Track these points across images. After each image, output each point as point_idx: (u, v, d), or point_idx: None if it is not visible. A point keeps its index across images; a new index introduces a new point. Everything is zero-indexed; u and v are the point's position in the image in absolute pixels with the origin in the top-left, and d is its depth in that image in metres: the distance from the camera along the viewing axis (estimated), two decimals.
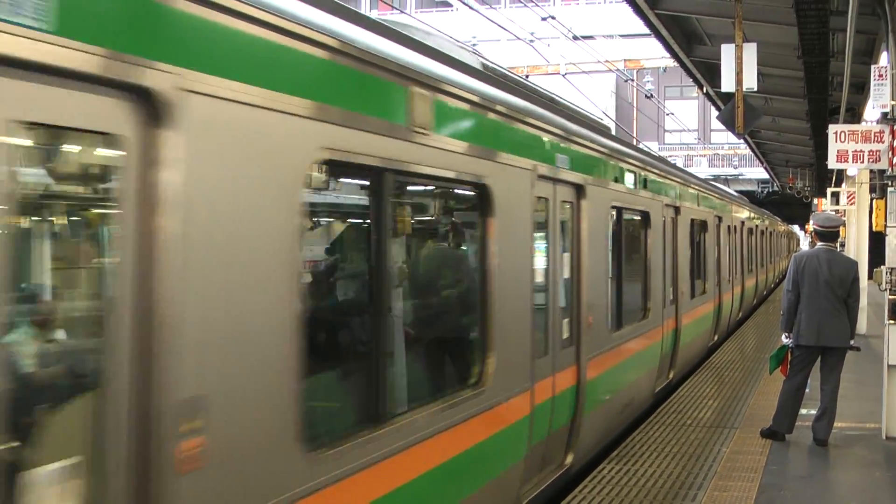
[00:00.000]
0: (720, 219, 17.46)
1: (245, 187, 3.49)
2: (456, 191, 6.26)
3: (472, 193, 5.96)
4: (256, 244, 3.55)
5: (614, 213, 9.45)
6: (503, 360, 6.02)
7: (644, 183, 10.73)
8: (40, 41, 2.62)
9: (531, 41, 22.48)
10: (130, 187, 2.99)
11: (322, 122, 3.96)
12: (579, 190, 7.92)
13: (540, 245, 7.05)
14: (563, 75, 25.72)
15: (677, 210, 12.89)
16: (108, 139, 2.96)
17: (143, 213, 3.02)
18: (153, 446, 3.03)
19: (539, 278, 7.04)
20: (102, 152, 3.04)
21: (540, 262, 7.06)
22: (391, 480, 4.60)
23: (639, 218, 10.85)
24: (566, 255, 7.74)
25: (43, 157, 2.99)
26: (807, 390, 9.21)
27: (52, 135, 2.91)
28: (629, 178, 9.95)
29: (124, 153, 2.97)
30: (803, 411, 9.32)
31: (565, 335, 7.55)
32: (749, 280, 22.71)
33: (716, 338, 16.94)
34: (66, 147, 3.06)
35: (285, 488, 3.68)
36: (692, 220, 14.16)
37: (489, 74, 6.60)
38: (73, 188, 3.20)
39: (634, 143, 20.93)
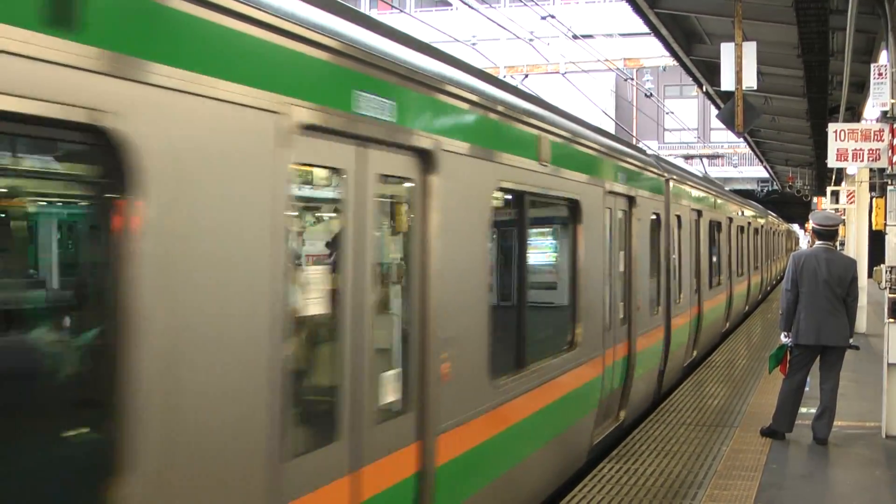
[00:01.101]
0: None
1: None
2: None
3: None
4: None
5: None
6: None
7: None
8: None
9: (531, 40, 22.45)
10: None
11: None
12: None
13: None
14: (563, 74, 25.68)
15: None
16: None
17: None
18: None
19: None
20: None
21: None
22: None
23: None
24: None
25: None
26: (806, 389, 9.22)
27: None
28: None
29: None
30: (803, 410, 9.33)
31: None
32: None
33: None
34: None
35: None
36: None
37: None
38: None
39: (634, 142, 20.98)
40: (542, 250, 8.37)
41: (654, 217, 11.46)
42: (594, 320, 8.49)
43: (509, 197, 6.73)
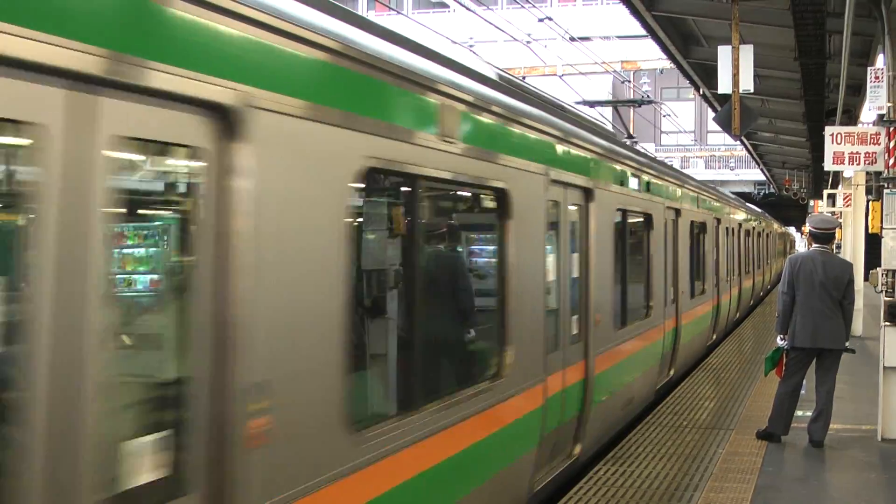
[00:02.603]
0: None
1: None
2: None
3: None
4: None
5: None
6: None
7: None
8: None
9: (528, 42, 22.47)
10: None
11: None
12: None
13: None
14: (560, 76, 25.70)
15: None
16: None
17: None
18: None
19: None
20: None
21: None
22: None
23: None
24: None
25: None
26: (802, 392, 9.21)
27: None
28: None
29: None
30: (799, 413, 9.33)
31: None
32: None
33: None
34: None
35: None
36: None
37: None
38: None
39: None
40: (441, 252, 6.35)
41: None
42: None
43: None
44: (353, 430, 4.27)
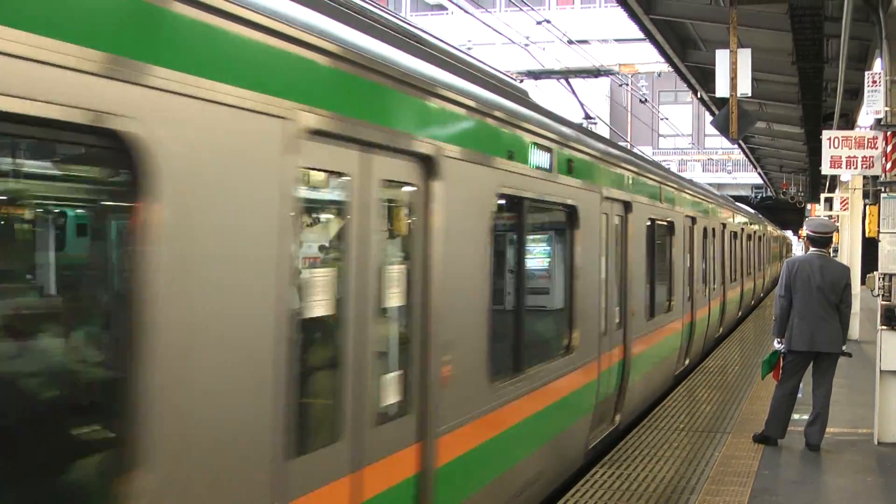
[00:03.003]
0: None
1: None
2: None
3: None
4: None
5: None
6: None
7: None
8: None
9: (526, 45, 22.48)
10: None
11: None
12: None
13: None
14: (558, 79, 25.69)
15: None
16: None
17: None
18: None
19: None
20: None
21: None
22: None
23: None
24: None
25: None
26: (799, 395, 9.23)
27: None
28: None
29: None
30: (795, 416, 9.34)
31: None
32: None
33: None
34: None
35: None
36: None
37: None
38: None
39: (628, 146, 21.01)
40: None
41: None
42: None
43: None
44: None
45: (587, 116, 14.85)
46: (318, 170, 4.30)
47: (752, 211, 29.77)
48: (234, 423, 3.55)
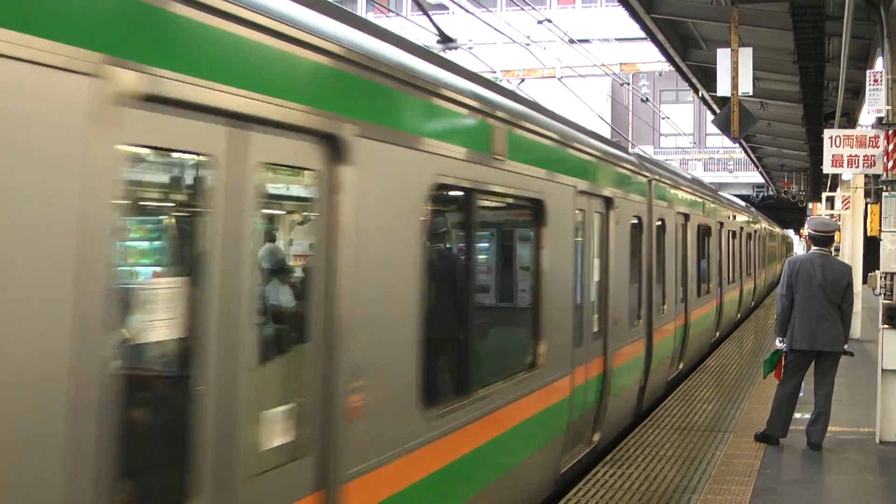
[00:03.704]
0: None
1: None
2: None
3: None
4: None
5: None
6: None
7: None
8: None
9: (527, 45, 22.46)
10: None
11: None
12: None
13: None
14: (559, 79, 25.70)
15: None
16: None
17: None
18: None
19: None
20: None
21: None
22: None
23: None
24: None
25: None
26: (801, 394, 9.22)
27: None
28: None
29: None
30: (797, 415, 9.33)
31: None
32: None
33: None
34: None
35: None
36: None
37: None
38: None
39: (630, 146, 21.04)
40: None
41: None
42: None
43: None
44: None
45: (444, 38, 9.89)
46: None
47: (742, 204, 29.01)
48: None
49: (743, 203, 29.72)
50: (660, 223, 11.99)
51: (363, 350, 4.29)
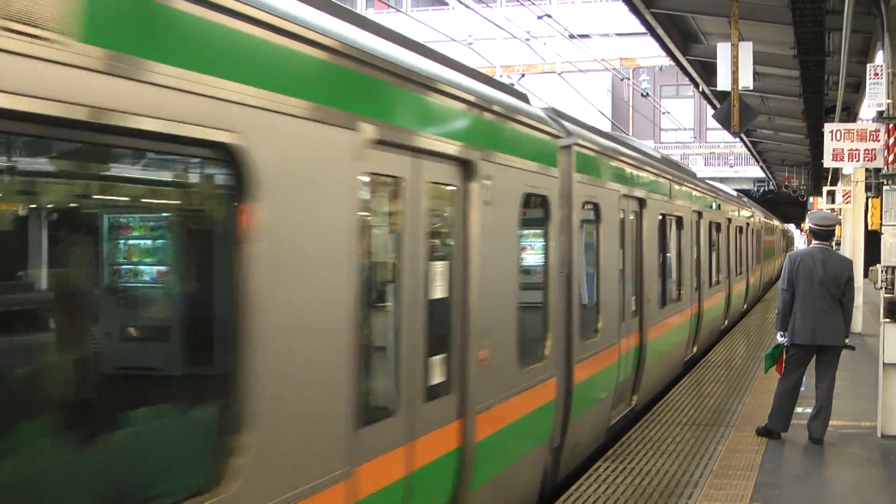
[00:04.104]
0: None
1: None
2: None
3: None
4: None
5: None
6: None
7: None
8: None
9: (527, 40, 22.45)
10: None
11: None
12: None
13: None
14: (559, 74, 25.68)
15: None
16: None
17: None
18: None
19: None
20: None
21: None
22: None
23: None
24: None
25: None
26: (802, 389, 9.22)
27: None
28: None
29: None
30: (799, 410, 9.33)
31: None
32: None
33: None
34: None
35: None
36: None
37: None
38: None
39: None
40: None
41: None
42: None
43: None
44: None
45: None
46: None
47: (736, 197, 27.72)
48: None
49: (734, 193, 26.92)
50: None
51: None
